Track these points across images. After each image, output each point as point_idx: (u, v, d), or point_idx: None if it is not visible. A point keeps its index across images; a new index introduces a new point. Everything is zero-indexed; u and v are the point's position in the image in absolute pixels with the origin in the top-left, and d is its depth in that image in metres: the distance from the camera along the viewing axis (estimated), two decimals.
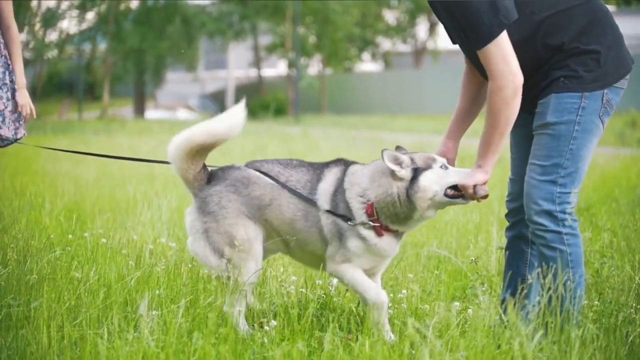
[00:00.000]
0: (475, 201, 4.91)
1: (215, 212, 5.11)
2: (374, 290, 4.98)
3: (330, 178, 5.09)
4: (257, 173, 5.17)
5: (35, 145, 6.48)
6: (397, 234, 5.05)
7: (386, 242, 5.02)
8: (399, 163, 4.94)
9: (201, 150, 5.20)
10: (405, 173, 4.93)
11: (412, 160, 4.97)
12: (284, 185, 5.11)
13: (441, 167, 4.95)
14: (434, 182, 4.90)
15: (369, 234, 4.98)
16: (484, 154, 4.81)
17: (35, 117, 6.30)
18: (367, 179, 5.02)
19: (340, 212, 5.01)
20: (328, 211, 5.02)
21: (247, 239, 5.07)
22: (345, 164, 5.17)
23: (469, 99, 5.24)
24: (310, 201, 5.05)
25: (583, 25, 4.75)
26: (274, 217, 5.12)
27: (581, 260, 4.83)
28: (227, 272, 5.05)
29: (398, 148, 5.13)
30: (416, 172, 4.92)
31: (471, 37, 4.70)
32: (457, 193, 4.91)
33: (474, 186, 4.82)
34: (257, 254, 5.10)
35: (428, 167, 4.94)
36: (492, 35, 4.61)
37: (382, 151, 4.95)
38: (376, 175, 5.01)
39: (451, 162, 5.15)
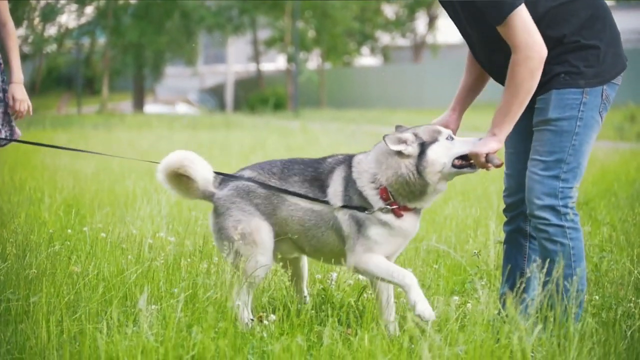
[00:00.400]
0: (484, 170, 4.91)
1: (223, 213, 5.24)
2: (400, 273, 4.93)
3: (337, 181, 5.08)
4: (256, 185, 5.21)
5: (31, 143, 6.47)
6: (416, 212, 5.05)
7: (407, 221, 5.01)
8: (403, 142, 4.94)
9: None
10: (412, 149, 4.93)
11: (416, 135, 4.96)
12: (294, 194, 5.12)
13: (447, 138, 4.95)
14: (442, 155, 4.90)
15: (389, 217, 4.97)
16: (501, 122, 4.80)
17: (31, 113, 6.29)
18: (373, 164, 5.02)
19: (355, 204, 5.01)
20: (344, 206, 5.02)
21: (249, 232, 5.13)
22: (338, 162, 5.15)
23: (473, 77, 5.26)
24: (323, 203, 5.06)
25: (584, 19, 4.76)
26: (283, 227, 5.16)
27: (582, 254, 4.85)
28: (237, 266, 5.12)
29: (398, 127, 5.12)
30: (423, 147, 4.92)
31: (490, 14, 4.67)
32: (465, 162, 4.92)
33: (487, 155, 4.81)
34: (264, 247, 5.15)
35: (434, 140, 4.93)
36: (512, 7, 4.61)
37: (384, 137, 4.95)
38: (382, 158, 5.01)
39: (453, 133, 5.14)
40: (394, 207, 4.97)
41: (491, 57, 4.91)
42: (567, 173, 4.79)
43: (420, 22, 59.50)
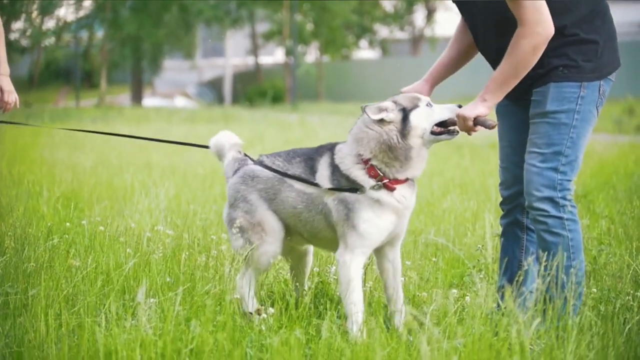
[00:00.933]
0: (466, 134, 4.93)
1: (232, 204, 5.30)
2: (358, 305, 4.90)
3: (323, 165, 5.07)
4: (260, 167, 5.22)
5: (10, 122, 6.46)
6: (409, 184, 5.02)
7: (401, 193, 4.97)
8: (383, 110, 4.93)
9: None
10: (394, 115, 4.91)
11: (395, 102, 4.96)
12: (285, 175, 5.13)
13: (427, 105, 4.96)
14: (423, 120, 4.91)
15: (381, 194, 4.93)
16: (494, 90, 4.80)
17: (18, 105, 6.29)
18: (355, 145, 5.00)
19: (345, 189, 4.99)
20: (334, 188, 4.99)
21: (257, 222, 5.18)
22: (325, 150, 5.15)
23: (458, 51, 5.31)
24: (313, 184, 5.05)
25: (585, 13, 4.78)
26: (280, 211, 5.16)
27: (581, 246, 4.86)
28: (246, 254, 5.15)
29: (364, 107, 5.12)
30: (405, 113, 4.92)
31: None
32: (443, 130, 4.93)
33: (475, 118, 4.81)
34: (274, 235, 5.18)
35: (415, 106, 4.94)
36: None
37: (364, 108, 4.97)
38: (361, 134, 4.99)
39: None
40: (385, 181, 4.94)
41: (498, 42, 4.89)
42: (565, 166, 4.80)
43: (419, 15, 59.45)
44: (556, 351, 4.24)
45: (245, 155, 5.48)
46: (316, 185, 5.04)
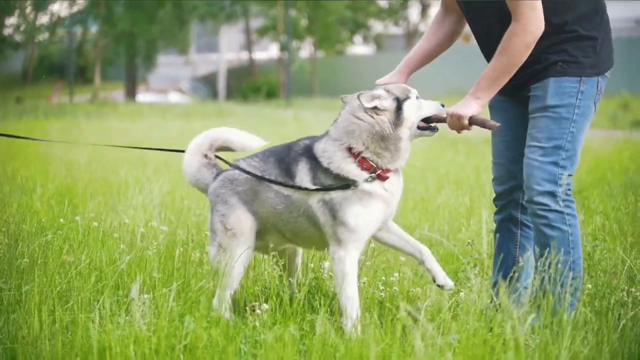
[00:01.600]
0: (455, 132, 4.94)
1: (212, 210, 5.24)
2: (354, 302, 4.90)
3: (303, 171, 5.02)
4: (238, 172, 5.18)
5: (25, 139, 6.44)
6: (395, 173, 5.00)
7: (390, 181, 4.96)
8: (376, 98, 4.91)
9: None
10: (387, 104, 4.90)
11: (388, 91, 4.94)
12: (267, 179, 5.07)
13: (416, 97, 4.96)
14: (414, 112, 4.92)
15: (373, 186, 4.91)
16: (486, 87, 4.82)
17: None
18: (345, 137, 4.95)
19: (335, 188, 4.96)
20: (324, 189, 4.96)
21: (231, 226, 5.11)
22: (298, 154, 5.09)
23: (436, 42, 5.33)
24: (300, 188, 5.00)
25: (585, 11, 4.81)
26: (261, 212, 5.11)
27: (580, 241, 4.89)
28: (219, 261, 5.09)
29: (344, 97, 5.09)
30: (398, 102, 4.91)
31: None
32: (426, 125, 4.94)
33: (471, 117, 4.80)
34: (245, 238, 5.11)
35: (407, 97, 4.94)
36: None
37: (359, 96, 4.92)
38: (352, 126, 4.95)
39: None
40: (378, 171, 4.92)
41: (500, 34, 4.87)
42: (565, 160, 4.81)
43: (413, 11, 59.46)
44: (551, 347, 4.23)
45: (217, 157, 5.42)
46: (305, 189, 5.00)
